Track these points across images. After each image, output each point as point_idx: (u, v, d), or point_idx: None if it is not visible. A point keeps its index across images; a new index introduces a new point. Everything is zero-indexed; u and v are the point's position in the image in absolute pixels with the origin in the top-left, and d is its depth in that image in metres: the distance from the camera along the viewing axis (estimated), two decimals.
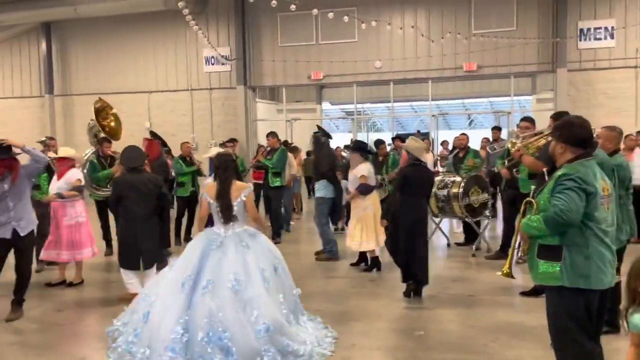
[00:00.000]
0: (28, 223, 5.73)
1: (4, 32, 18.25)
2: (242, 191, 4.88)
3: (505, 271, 3.79)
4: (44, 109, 18.30)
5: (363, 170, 7.47)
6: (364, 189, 7.45)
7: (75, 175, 7.12)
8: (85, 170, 8.53)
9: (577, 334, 3.37)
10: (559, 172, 3.38)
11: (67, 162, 7.10)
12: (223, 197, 4.78)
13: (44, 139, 8.87)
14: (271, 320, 4.36)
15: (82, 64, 18.10)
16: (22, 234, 5.63)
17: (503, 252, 7.89)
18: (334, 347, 4.82)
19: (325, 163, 8.41)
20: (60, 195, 6.91)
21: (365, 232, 7.44)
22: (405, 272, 6.31)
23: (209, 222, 5.07)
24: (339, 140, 27.26)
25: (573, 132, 3.41)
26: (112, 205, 7.12)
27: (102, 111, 8.76)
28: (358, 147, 7.74)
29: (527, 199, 3.59)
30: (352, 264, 7.94)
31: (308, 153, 15.55)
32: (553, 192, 3.34)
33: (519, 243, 3.70)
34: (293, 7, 11.35)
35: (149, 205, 6.23)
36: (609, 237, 3.42)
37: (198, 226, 5.13)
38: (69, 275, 7.28)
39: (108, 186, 8.74)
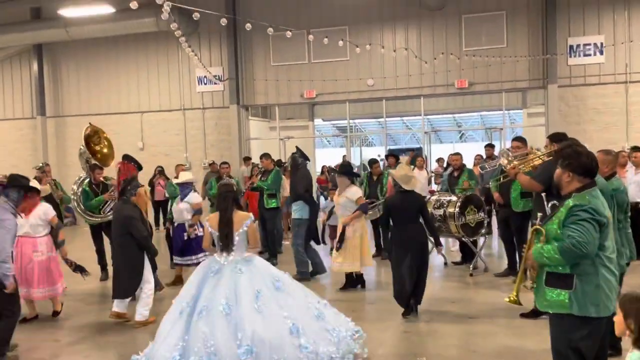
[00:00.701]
0: None
1: None
2: (244, 221, 5.01)
3: (512, 298, 3.81)
4: (36, 130, 18.21)
5: (357, 192, 7.69)
6: (365, 208, 7.65)
7: (49, 212, 6.74)
8: (77, 198, 8.49)
9: None
10: (570, 203, 3.40)
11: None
12: (223, 227, 4.92)
13: (40, 165, 8.81)
14: (256, 340, 4.42)
15: (74, 85, 18.07)
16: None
17: (511, 269, 7.97)
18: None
19: (301, 185, 8.52)
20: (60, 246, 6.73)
21: (349, 253, 7.50)
22: (402, 293, 6.39)
23: None
24: (331, 155, 27.34)
25: (580, 161, 3.45)
26: None
27: (93, 136, 8.70)
28: (345, 172, 7.88)
29: (535, 226, 3.60)
30: (341, 289, 7.86)
31: None
32: (565, 222, 3.35)
33: (526, 270, 3.72)
34: (289, 34, 11.39)
35: (118, 234, 6.47)
36: (613, 264, 3.46)
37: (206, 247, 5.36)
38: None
39: (102, 212, 8.71)
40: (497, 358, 5.16)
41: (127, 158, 7.74)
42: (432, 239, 7.06)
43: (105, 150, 8.73)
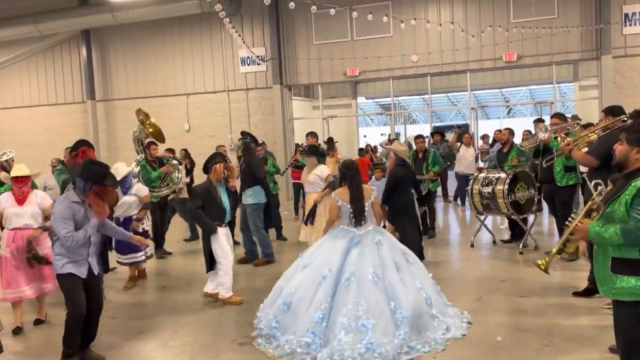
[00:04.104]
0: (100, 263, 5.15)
1: (45, 41, 18.75)
2: (370, 194, 5.47)
3: (543, 264, 3.81)
4: (87, 114, 18.74)
5: (326, 170, 8.14)
6: (334, 185, 7.98)
7: (46, 199, 6.10)
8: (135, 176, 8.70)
9: None
10: (639, 183, 3.23)
11: (27, 181, 5.97)
12: (357, 201, 5.31)
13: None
14: (408, 308, 4.80)
15: (122, 69, 18.45)
16: (95, 273, 4.99)
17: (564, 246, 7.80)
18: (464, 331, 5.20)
19: (260, 169, 8.66)
20: (44, 228, 5.92)
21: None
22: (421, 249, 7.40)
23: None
24: (376, 134, 27.19)
25: None
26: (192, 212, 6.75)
27: (144, 120, 8.92)
28: (314, 152, 8.36)
29: (592, 202, 3.46)
30: None
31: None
32: (633, 204, 3.20)
33: (566, 241, 3.63)
34: (332, 11, 11.26)
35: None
36: None
37: (326, 228, 5.69)
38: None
39: (161, 186, 9.00)
40: (549, 336, 5.05)
41: (84, 143, 6.89)
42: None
43: (152, 129, 8.92)
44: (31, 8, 17.58)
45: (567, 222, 3.64)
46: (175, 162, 9.48)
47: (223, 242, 6.46)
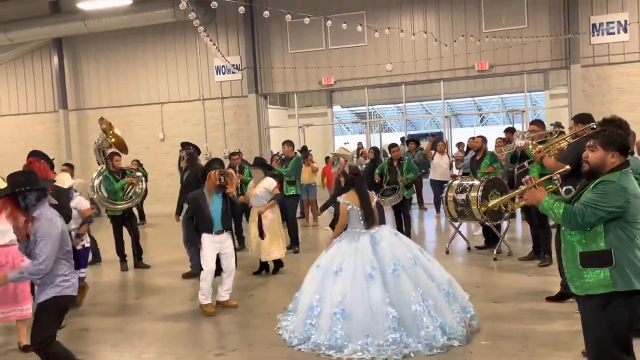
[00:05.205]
0: (40, 292, 4.21)
1: (16, 49, 18.42)
2: (373, 198, 5.74)
3: (485, 208, 4.07)
4: (59, 123, 18.42)
5: (273, 182, 8.10)
6: (279, 198, 8.19)
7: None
8: (97, 187, 8.60)
9: (616, 348, 3.26)
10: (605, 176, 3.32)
11: None
12: (367, 205, 5.56)
13: None
14: (446, 284, 5.28)
15: (95, 78, 18.22)
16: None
17: (536, 253, 8.02)
18: None
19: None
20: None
21: (274, 241, 7.94)
22: None
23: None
24: (339, 143, 27.22)
25: (624, 140, 3.39)
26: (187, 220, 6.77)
27: (107, 129, 8.86)
28: (260, 164, 8.36)
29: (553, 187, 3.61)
30: (254, 273, 8.32)
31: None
32: (592, 189, 3.27)
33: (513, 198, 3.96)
34: (307, 20, 11.31)
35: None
36: None
37: (336, 232, 5.75)
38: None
39: (125, 198, 8.88)
40: (524, 342, 5.11)
41: (37, 154, 6.49)
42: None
43: (115, 139, 8.85)
44: (1, 16, 17.28)
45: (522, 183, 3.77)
46: (139, 174, 9.31)
47: (206, 250, 6.54)
